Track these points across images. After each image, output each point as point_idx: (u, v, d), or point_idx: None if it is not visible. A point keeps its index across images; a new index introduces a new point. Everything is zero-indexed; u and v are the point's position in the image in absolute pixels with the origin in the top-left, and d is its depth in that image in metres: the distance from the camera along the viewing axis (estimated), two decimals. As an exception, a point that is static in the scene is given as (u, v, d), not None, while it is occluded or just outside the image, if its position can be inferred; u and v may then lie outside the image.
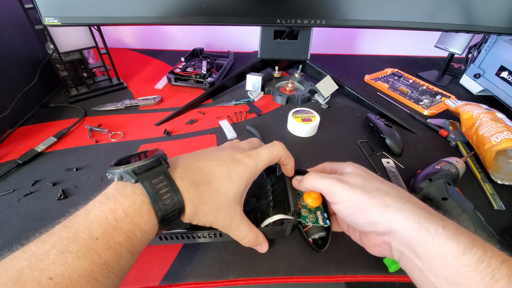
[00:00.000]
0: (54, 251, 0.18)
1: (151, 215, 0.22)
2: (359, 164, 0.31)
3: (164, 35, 0.89)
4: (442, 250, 0.21)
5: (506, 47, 0.59)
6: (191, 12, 0.48)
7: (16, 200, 0.38)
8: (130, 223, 0.21)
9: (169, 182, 0.23)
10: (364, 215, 0.25)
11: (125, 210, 0.21)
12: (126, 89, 0.66)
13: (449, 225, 0.22)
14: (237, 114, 0.58)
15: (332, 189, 0.27)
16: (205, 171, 0.26)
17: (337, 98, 0.63)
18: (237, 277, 0.30)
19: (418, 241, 0.22)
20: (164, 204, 0.22)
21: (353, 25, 0.51)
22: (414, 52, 0.88)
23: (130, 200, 0.21)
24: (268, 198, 0.35)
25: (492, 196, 0.40)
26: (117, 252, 0.20)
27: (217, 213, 0.26)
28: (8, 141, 0.49)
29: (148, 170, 0.22)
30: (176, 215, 0.23)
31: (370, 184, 0.26)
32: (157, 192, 0.22)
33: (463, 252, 0.20)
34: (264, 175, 0.38)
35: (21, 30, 0.55)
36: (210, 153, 0.28)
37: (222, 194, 0.26)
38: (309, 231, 0.32)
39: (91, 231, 0.19)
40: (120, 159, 0.24)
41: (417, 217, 0.23)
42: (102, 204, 0.21)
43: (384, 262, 0.31)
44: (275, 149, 0.30)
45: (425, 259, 0.22)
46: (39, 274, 0.17)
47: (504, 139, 0.40)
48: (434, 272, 0.22)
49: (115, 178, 0.22)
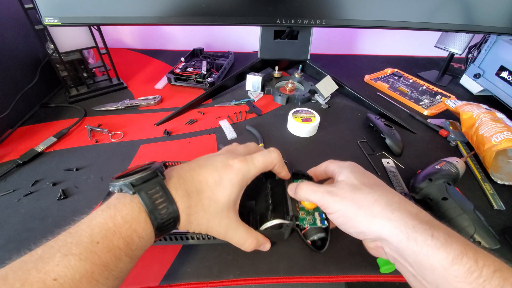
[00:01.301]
0: (58, 254, 0.19)
1: (148, 223, 0.23)
2: (358, 164, 0.31)
3: (164, 35, 0.89)
4: (431, 260, 0.21)
5: (506, 47, 0.59)
6: (191, 12, 0.48)
7: (16, 200, 0.38)
8: (128, 229, 0.22)
9: (164, 192, 0.24)
10: (353, 225, 0.26)
11: (124, 217, 0.22)
12: (126, 89, 0.66)
13: (438, 233, 0.22)
14: (237, 114, 0.58)
15: (323, 202, 0.28)
16: (198, 179, 0.27)
17: (337, 98, 0.63)
18: (237, 277, 0.30)
19: (408, 250, 0.22)
20: (160, 214, 0.23)
21: (353, 25, 0.51)
22: (414, 52, 0.88)
23: (128, 208, 0.23)
24: (267, 201, 0.35)
25: (492, 196, 0.40)
26: (116, 255, 0.21)
27: (210, 221, 0.27)
28: (8, 141, 0.49)
29: (145, 182, 0.24)
30: (172, 224, 0.25)
31: (359, 193, 0.26)
32: (153, 202, 0.23)
33: (452, 262, 0.20)
34: (263, 178, 0.39)
35: (21, 30, 0.55)
36: (204, 160, 0.29)
37: (214, 201, 0.26)
38: (308, 233, 0.32)
39: (92, 236, 0.21)
40: (123, 173, 0.26)
41: (404, 227, 0.23)
42: (104, 211, 0.23)
43: (377, 262, 0.31)
44: (270, 156, 0.30)
45: (416, 267, 0.22)
46: (45, 275, 0.18)
47: (504, 139, 0.40)
48: (425, 279, 0.22)
49: (115, 190, 0.24)
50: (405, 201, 0.26)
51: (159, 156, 0.47)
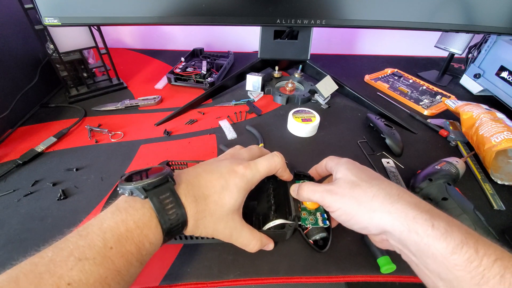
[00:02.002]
0: (72, 258, 0.19)
1: (158, 228, 0.23)
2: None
3: (164, 35, 0.89)
4: (432, 250, 0.21)
5: (506, 47, 0.59)
6: (191, 12, 0.48)
7: (16, 200, 0.38)
8: (140, 234, 0.22)
9: (174, 198, 0.24)
10: (356, 222, 0.27)
11: (136, 222, 0.22)
12: (126, 89, 0.65)
13: (439, 223, 0.22)
14: (237, 114, 0.58)
15: (325, 201, 0.28)
16: (204, 185, 0.27)
17: (337, 98, 0.63)
18: (237, 277, 0.30)
19: (409, 241, 0.23)
20: (170, 219, 0.24)
21: (353, 25, 0.51)
22: (414, 52, 0.88)
23: (140, 213, 0.23)
24: (270, 202, 0.35)
25: (492, 196, 0.40)
26: (128, 260, 0.21)
27: (216, 225, 0.27)
28: (8, 141, 0.49)
29: (156, 186, 0.24)
30: (180, 228, 0.25)
31: (358, 189, 0.27)
32: (164, 207, 0.23)
33: (452, 252, 0.20)
34: (266, 179, 0.39)
35: (21, 30, 0.55)
36: (209, 166, 0.29)
37: (220, 206, 0.27)
38: (309, 233, 0.32)
39: (105, 240, 0.21)
40: (130, 174, 0.26)
41: (404, 219, 0.23)
42: (114, 215, 0.22)
43: (378, 262, 0.31)
44: (274, 161, 0.31)
45: (418, 256, 0.23)
46: (58, 280, 0.18)
47: (504, 139, 0.40)
48: (428, 268, 0.22)
49: (126, 193, 0.24)
50: (404, 192, 0.26)
51: (159, 156, 0.47)
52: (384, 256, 0.31)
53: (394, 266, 0.30)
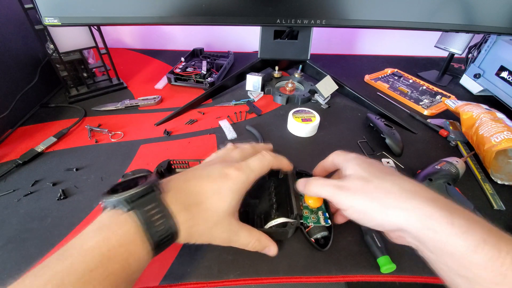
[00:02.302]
0: (49, 286, 0.18)
1: (145, 243, 0.22)
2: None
3: (164, 35, 0.89)
4: (451, 249, 0.21)
5: (506, 47, 0.59)
6: (191, 12, 0.48)
7: (16, 200, 0.38)
8: (125, 252, 0.21)
9: (161, 208, 0.23)
10: (370, 219, 0.25)
11: (119, 240, 0.21)
12: (126, 89, 0.65)
13: (459, 221, 0.21)
14: (237, 114, 0.58)
15: (335, 198, 0.27)
16: (195, 191, 0.26)
17: (337, 98, 0.63)
18: (237, 277, 0.30)
19: (426, 238, 0.22)
20: (157, 231, 0.22)
21: (353, 25, 0.51)
22: (414, 52, 0.88)
23: (124, 229, 0.21)
24: (271, 200, 0.35)
25: (492, 196, 0.40)
26: (112, 282, 0.20)
27: (212, 231, 0.26)
28: (8, 141, 0.49)
29: (141, 197, 0.23)
30: (170, 239, 0.24)
31: (370, 185, 0.26)
32: (150, 219, 0.22)
33: (474, 251, 0.20)
34: (267, 177, 0.38)
35: (21, 30, 0.55)
36: (199, 171, 0.28)
37: (214, 212, 0.26)
38: (311, 231, 0.32)
39: (85, 263, 0.19)
40: (116, 186, 0.24)
41: (420, 216, 0.22)
42: (96, 233, 0.21)
43: (378, 262, 0.31)
44: (265, 159, 0.30)
45: (436, 253, 0.22)
46: None
47: (504, 139, 0.40)
48: (446, 264, 0.22)
49: (108, 207, 0.23)
50: (420, 187, 0.25)
51: (159, 156, 0.47)
52: (384, 256, 0.31)
53: (394, 266, 0.30)
